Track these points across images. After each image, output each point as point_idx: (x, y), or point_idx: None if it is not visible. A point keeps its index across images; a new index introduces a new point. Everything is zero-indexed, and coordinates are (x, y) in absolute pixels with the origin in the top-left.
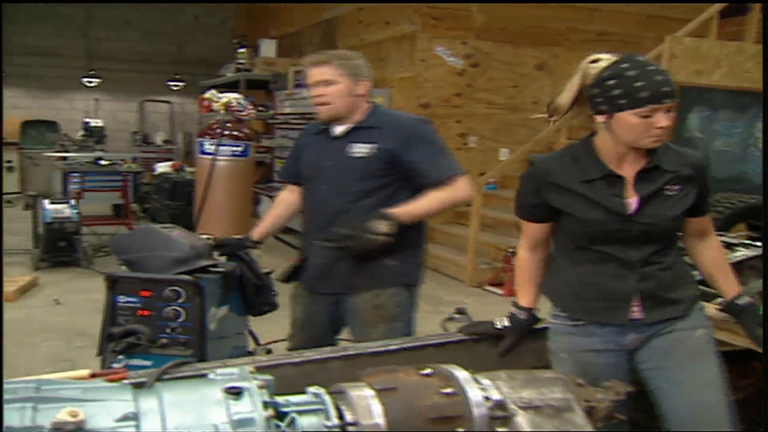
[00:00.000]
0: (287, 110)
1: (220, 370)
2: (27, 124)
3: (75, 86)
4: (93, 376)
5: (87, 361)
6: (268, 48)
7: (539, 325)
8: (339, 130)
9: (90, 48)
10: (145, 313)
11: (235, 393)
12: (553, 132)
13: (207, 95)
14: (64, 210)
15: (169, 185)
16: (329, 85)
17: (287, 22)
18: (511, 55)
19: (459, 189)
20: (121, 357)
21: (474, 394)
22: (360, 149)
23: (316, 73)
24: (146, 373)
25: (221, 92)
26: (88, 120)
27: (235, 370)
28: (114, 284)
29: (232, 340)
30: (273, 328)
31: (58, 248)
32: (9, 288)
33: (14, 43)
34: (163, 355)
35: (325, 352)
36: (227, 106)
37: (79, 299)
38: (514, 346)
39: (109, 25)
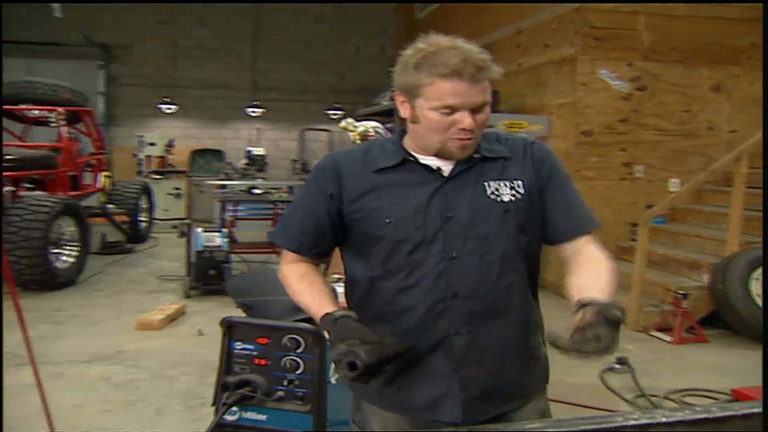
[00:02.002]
0: None
1: None
2: (196, 153)
3: (241, 116)
4: None
5: None
6: None
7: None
8: (445, 163)
9: (256, 80)
10: (263, 362)
11: None
12: (732, 160)
13: (342, 124)
14: (215, 238)
15: None
16: (484, 109)
17: None
18: (683, 77)
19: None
20: (234, 409)
21: None
22: (504, 189)
23: (475, 92)
24: None
25: (359, 120)
26: (250, 149)
27: None
28: (230, 329)
29: None
30: None
31: (208, 276)
32: (155, 317)
33: (189, 77)
34: (279, 409)
35: None
36: (364, 136)
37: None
38: None
39: (275, 58)
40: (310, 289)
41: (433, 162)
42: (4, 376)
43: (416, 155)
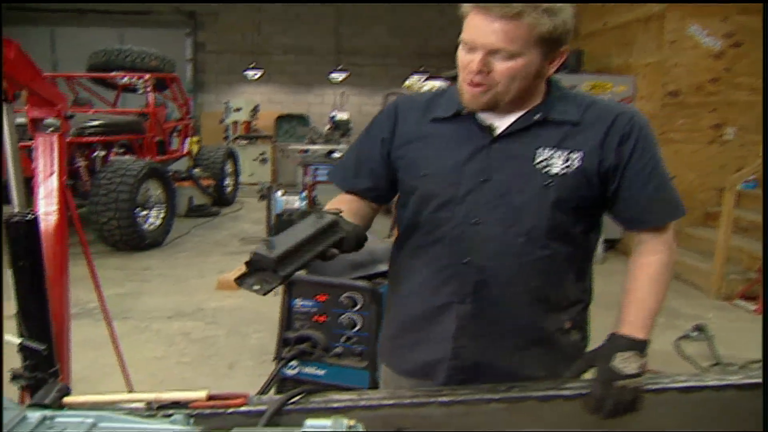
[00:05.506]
0: None
1: (309, 422)
2: (281, 119)
3: (324, 81)
4: (210, 398)
5: None
6: None
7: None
8: (503, 120)
9: (339, 44)
10: (321, 318)
11: None
12: None
13: (407, 83)
14: (294, 201)
15: None
16: (508, 59)
17: None
18: None
19: (674, 246)
20: (294, 363)
21: None
22: (557, 160)
23: (489, 32)
24: (269, 401)
25: (426, 80)
26: (334, 114)
27: (328, 422)
28: (290, 286)
29: None
30: None
31: None
32: (233, 276)
33: (273, 43)
34: (337, 365)
35: (482, 391)
36: None
37: None
38: None
39: (358, 22)
40: (329, 206)
41: (488, 117)
42: (86, 329)
43: None
